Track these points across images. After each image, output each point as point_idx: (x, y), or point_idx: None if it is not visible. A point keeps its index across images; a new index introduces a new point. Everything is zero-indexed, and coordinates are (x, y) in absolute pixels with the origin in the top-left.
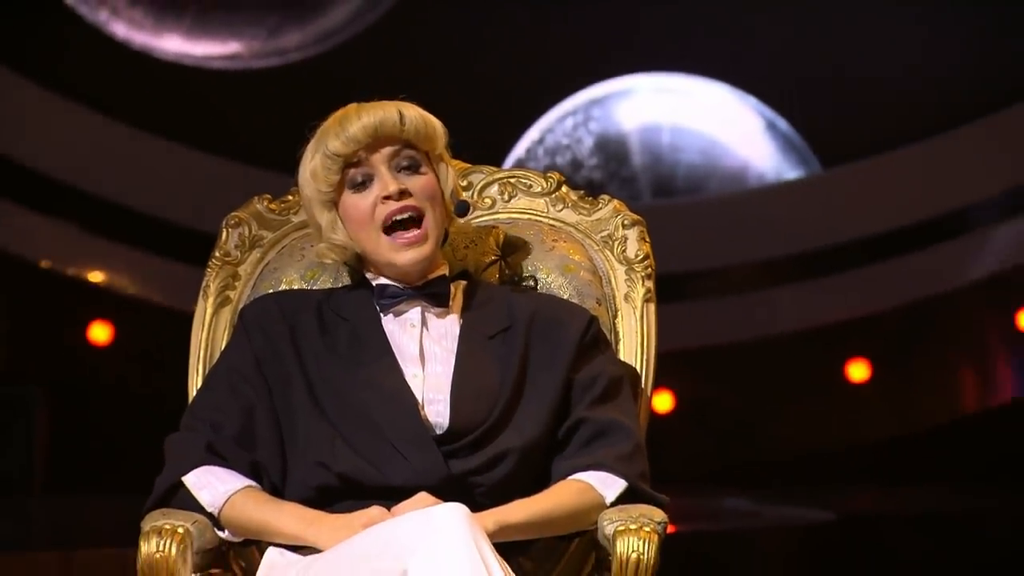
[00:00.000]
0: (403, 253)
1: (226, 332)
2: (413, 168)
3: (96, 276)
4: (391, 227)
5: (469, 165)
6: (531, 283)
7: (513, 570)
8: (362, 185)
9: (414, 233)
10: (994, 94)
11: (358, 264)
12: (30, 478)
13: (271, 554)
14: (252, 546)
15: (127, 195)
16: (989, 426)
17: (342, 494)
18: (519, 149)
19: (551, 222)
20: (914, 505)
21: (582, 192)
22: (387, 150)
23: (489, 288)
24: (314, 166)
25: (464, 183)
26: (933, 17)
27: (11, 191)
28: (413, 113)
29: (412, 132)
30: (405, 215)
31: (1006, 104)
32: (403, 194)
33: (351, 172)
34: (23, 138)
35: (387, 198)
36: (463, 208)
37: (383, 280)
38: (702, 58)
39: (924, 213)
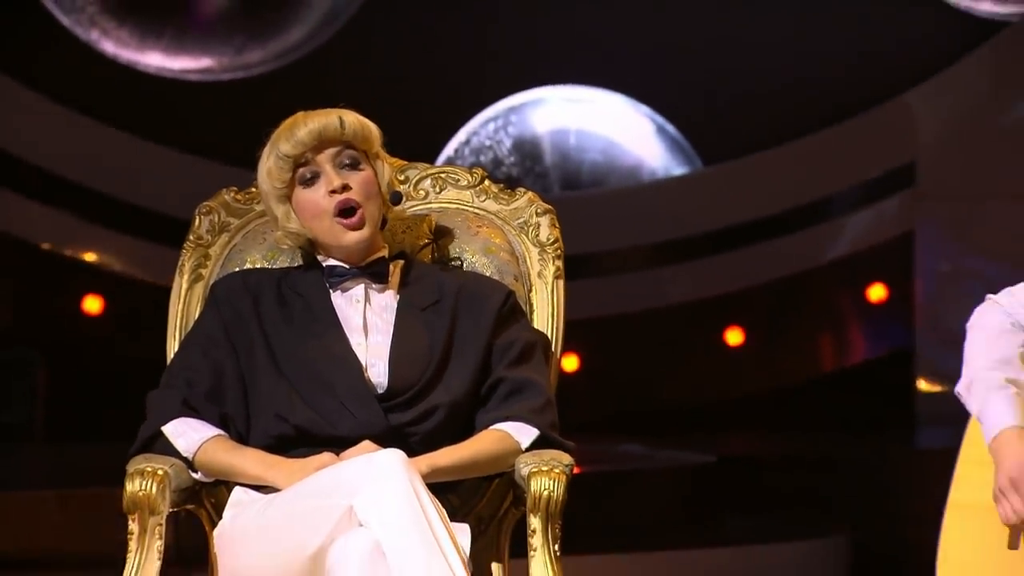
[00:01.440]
0: (347, 235)
1: (199, 304)
2: (353, 165)
3: (89, 256)
4: (338, 215)
5: (406, 162)
6: (458, 263)
7: (443, 506)
8: (310, 181)
9: (353, 219)
10: (848, 102)
11: (310, 248)
12: (31, 428)
13: (237, 493)
14: (221, 486)
15: (115, 187)
16: (844, 383)
17: (297, 442)
18: (448, 149)
19: (475, 211)
20: (781, 449)
21: (502, 185)
22: (330, 151)
23: (422, 267)
24: (269, 166)
25: (401, 177)
26: (799, 36)
27: (16, 184)
28: (351, 119)
29: (351, 134)
30: (347, 206)
31: (859, 111)
32: (345, 188)
33: (300, 171)
34: (27, 139)
35: (332, 192)
36: (397, 198)
37: (332, 261)
38: (603, 72)
39: (789, 203)
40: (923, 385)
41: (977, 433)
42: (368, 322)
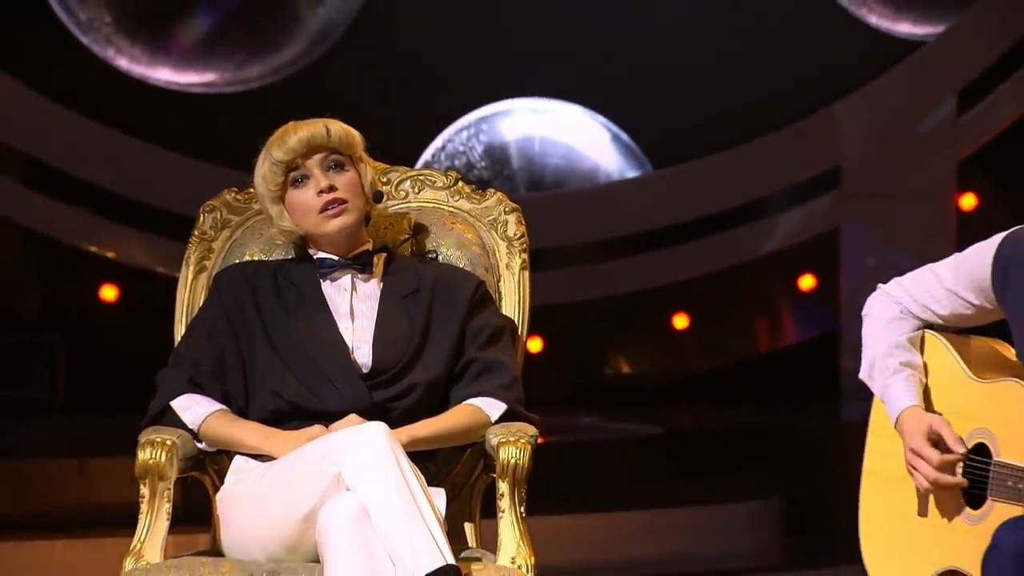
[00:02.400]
0: (332, 222)
1: (203, 293)
2: (339, 168)
3: (105, 250)
4: (323, 209)
5: (388, 166)
6: (434, 255)
7: (422, 472)
8: (301, 183)
9: (337, 209)
10: (781, 113)
11: (302, 243)
12: (53, 403)
13: (238, 461)
14: (223, 455)
15: (128, 188)
16: (777, 362)
17: (291, 416)
18: (426, 154)
19: (450, 209)
20: (722, 421)
21: (474, 187)
22: (318, 156)
23: (403, 259)
24: (264, 171)
25: (384, 179)
26: (739, 56)
27: (41, 185)
28: (336, 127)
29: (336, 141)
30: (333, 203)
31: (791, 121)
32: (332, 188)
33: (292, 174)
34: (51, 145)
35: (321, 192)
36: (378, 196)
37: (322, 254)
38: (564, 86)
39: (729, 203)
40: (847, 364)
41: (881, 410)
42: (354, 308)
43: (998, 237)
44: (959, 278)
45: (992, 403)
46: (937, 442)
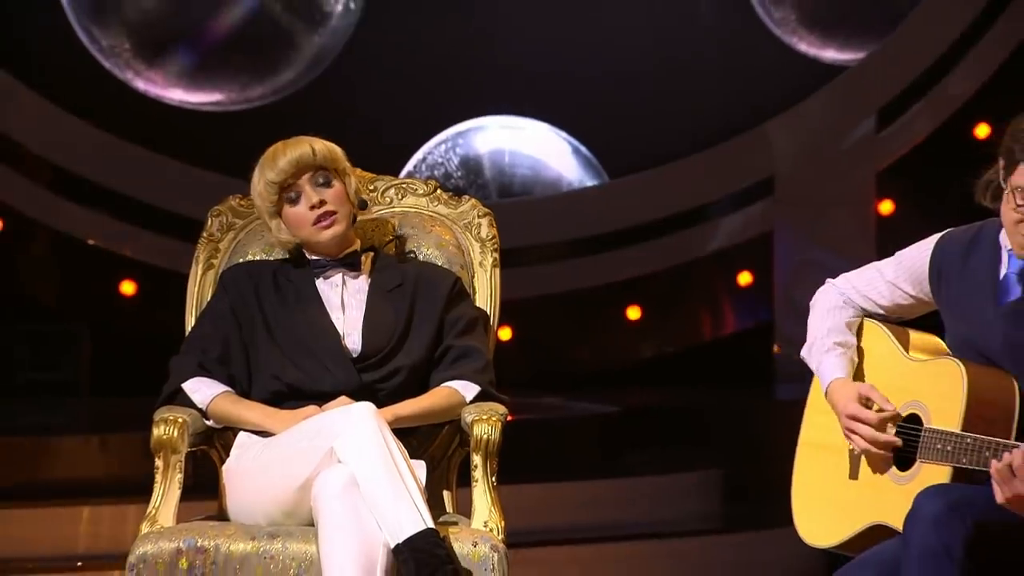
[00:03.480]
0: (325, 232)
1: (211, 288)
2: (326, 183)
3: (125, 249)
4: (316, 221)
5: (375, 175)
6: (416, 255)
7: (405, 447)
8: (295, 200)
9: (327, 221)
10: (722, 129)
11: (298, 248)
12: (78, 386)
13: (241, 437)
14: (228, 431)
15: (145, 194)
16: (719, 349)
17: (289, 396)
18: (409, 165)
19: (430, 214)
20: (670, 401)
21: (451, 194)
22: (307, 174)
23: (388, 258)
24: (260, 189)
25: (371, 187)
26: (687, 79)
27: (67, 192)
28: (320, 146)
29: (322, 159)
30: (324, 215)
31: (730, 136)
32: (322, 203)
33: (285, 193)
34: (76, 156)
35: (313, 207)
36: (363, 204)
37: (315, 256)
38: (531, 104)
39: (676, 209)
40: (780, 350)
41: (818, 388)
42: (345, 301)
43: (935, 237)
44: (900, 273)
45: (925, 378)
46: (868, 406)
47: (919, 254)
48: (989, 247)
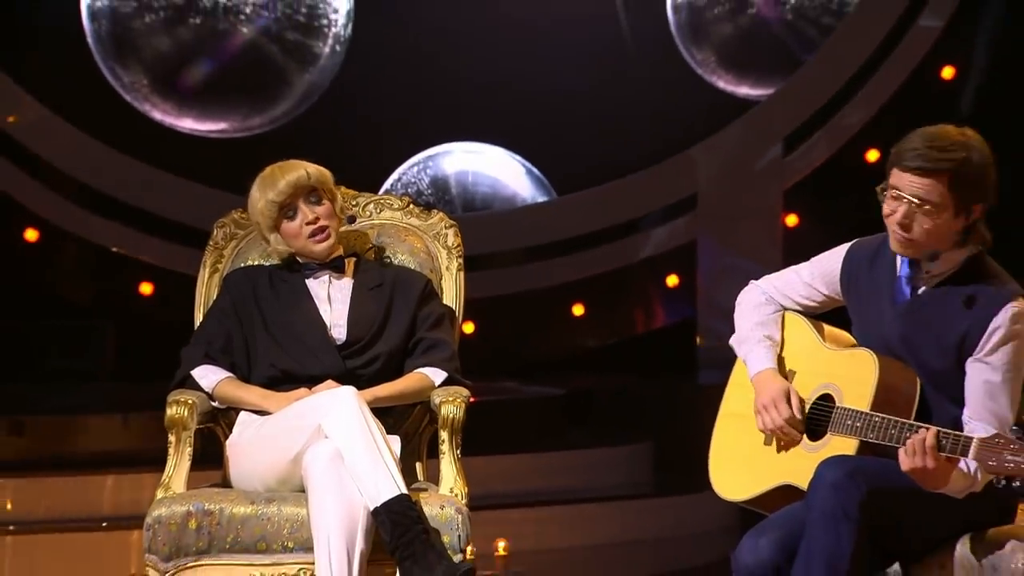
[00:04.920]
0: (319, 246)
1: (216, 289)
2: (317, 201)
3: (144, 255)
4: (311, 235)
5: (357, 192)
6: (392, 260)
7: (382, 424)
8: (292, 217)
9: (321, 235)
10: (653, 153)
11: (292, 254)
12: (103, 372)
13: (243, 416)
14: (231, 411)
15: (161, 208)
16: (650, 340)
17: (282, 381)
18: (387, 183)
19: (404, 225)
20: (608, 385)
21: (422, 208)
22: (303, 194)
23: (368, 263)
24: (261, 207)
25: (354, 202)
26: (624, 109)
27: (93, 207)
28: (312, 169)
29: (315, 181)
30: (318, 230)
31: (660, 159)
32: (316, 220)
33: (283, 210)
34: (101, 176)
35: (308, 223)
36: (351, 219)
37: (306, 261)
38: (490, 132)
39: (614, 221)
40: (702, 342)
41: (741, 369)
42: (332, 297)
43: (847, 245)
44: (815, 275)
45: (841, 364)
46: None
47: (832, 259)
48: (890, 254)
